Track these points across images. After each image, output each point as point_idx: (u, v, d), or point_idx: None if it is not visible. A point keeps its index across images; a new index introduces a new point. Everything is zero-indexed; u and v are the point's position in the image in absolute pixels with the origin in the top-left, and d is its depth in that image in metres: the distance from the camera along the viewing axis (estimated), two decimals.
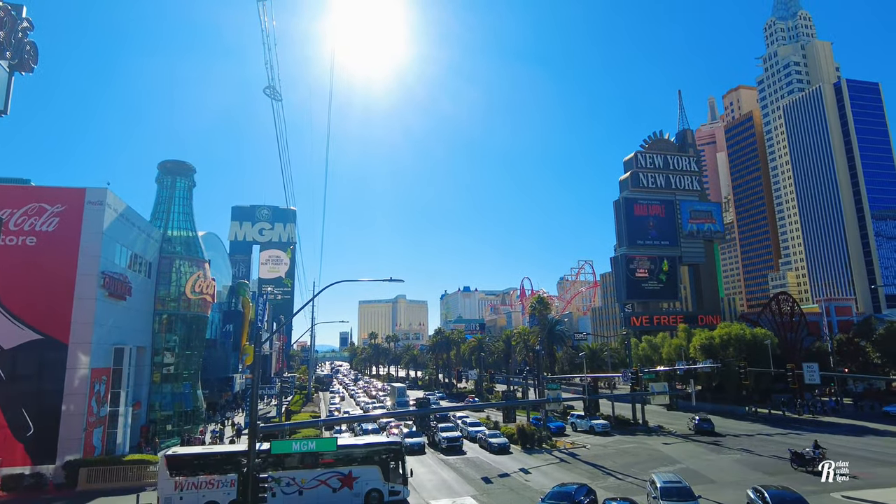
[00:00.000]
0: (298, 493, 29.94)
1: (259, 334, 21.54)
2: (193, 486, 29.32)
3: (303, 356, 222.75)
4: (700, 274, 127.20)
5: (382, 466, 31.80)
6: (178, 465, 29.84)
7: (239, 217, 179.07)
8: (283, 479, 29.93)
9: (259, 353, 21.06)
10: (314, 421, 44.99)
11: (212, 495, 29.39)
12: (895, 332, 78.47)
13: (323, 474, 30.54)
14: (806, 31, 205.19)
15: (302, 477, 30.17)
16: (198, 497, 29.21)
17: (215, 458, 30.94)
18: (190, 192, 61.02)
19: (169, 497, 29.09)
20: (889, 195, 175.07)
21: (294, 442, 21.79)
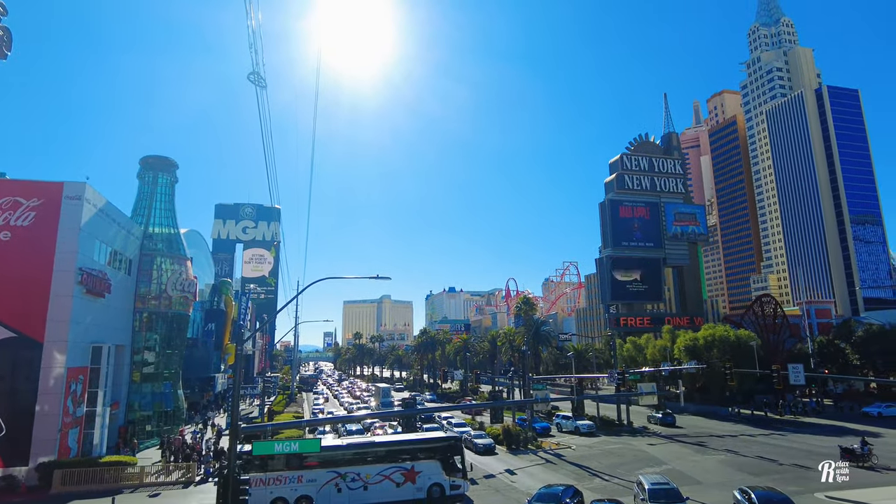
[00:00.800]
0: (363, 489, 30.49)
1: (241, 333, 20.96)
2: (262, 482, 29.27)
3: (286, 356, 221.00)
4: (684, 276, 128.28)
5: (443, 461, 32.35)
6: (246, 462, 29.51)
7: (222, 215, 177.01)
8: (349, 475, 30.46)
9: (241, 352, 20.49)
10: (297, 422, 44.31)
11: (280, 491, 29.57)
12: (874, 335, 79.83)
13: (386, 469, 31.21)
14: (788, 38, 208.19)
15: (367, 472, 30.79)
16: (265, 494, 29.24)
17: (283, 454, 30.37)
18: (172, 188, 59.94)
19: None
20: (867, 200, 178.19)
21: (277, 443, 21.23)
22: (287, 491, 29.50)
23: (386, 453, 32.13)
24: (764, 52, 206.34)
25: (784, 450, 44.23)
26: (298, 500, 29.61)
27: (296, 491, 29.55)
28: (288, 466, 29.88)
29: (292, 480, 29.73)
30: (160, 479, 38.00)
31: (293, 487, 29.59)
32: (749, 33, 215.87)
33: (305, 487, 29.77)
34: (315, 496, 29.82)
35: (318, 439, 22.84)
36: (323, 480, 30.13)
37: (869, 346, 77.18)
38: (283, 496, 29.39)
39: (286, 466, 29.89)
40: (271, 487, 29.35)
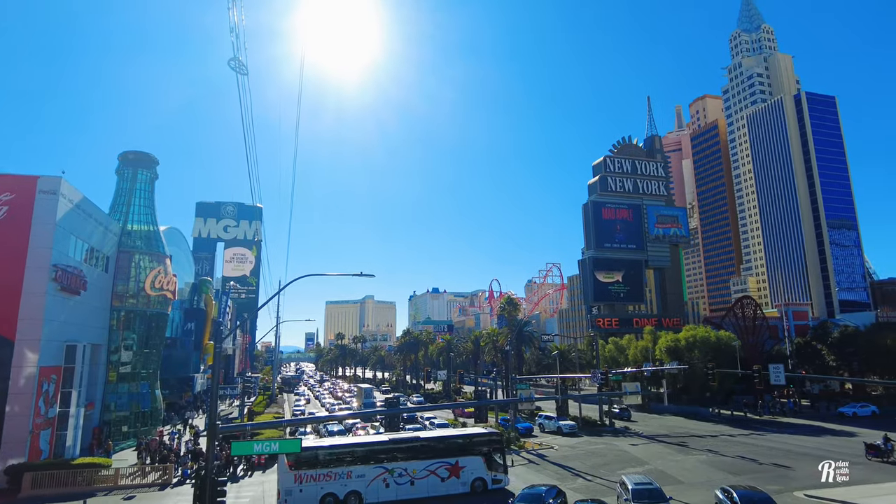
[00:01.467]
0: (410, 484, 31.42)
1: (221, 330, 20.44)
2: (312, 478, 30.08)
3: (267, 357, 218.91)
4: (665, 278, 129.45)
5: (486, 456, 33.44)
6: (298, 460, 30.18)
7: (203, 213, 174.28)
8: (396, 470, 31.40)
9: (220, 350, 19.98)
10: (277, 421, 43.65)
11: (330, 487, 30.27)
12: (849, 336, 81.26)
13: (432, 464, 32.17)
14: (769, 45, 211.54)
15: (413, 468, 31.68)
16: (317, 489, 29.99)
17: (333, 451, 31.86)
18: (152, 184, 58.79)
19: (289, 489, 29.53)
20: (843, 205, 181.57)
21: (256, 443, 20.75)
22: (337, 487, 30.24)
23: (432, 449, 33.00)
24: (745, 57, 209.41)
25: (764, 449, 44.63)
26: (348, 495, 30.31)
27: (345, 487, 30.35)
28: (338, 463, 30.80)
29: (342, 476, 30.55)
30: (136, 481, 37.17)
31: (343, 483, 30.40)
32: (731, 39, 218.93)
33: (354, 483, 30.62)
34: (364, 491, 30.64)
35: (298, 440, 22.44)
36: (371, 476, 31.00)
37: (845, 347, 78.45)
38: (333, 492, 30.10)
39: (337, 463, 30.78)
40: (321, 483, 30.06)
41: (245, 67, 24.39)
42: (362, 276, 21.85)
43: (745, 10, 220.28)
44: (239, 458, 41.57)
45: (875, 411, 65.99)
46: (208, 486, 18.18)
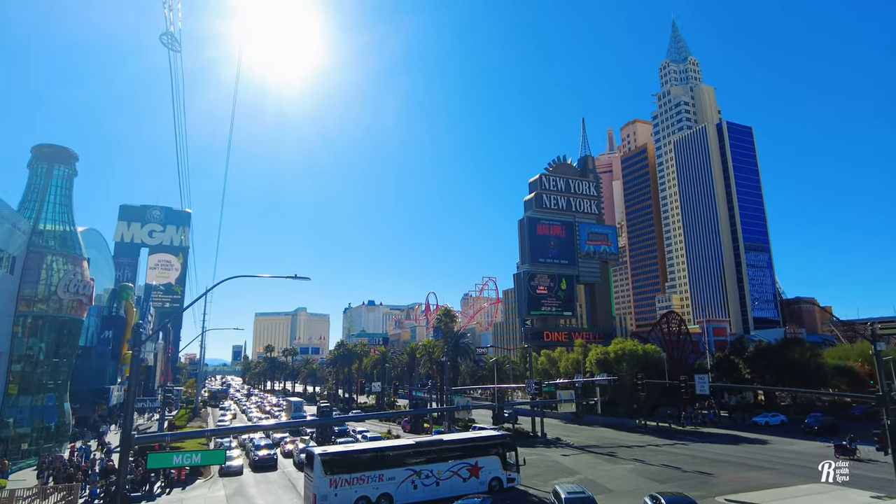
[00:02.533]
0: (436, 485, 33.10)
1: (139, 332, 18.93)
2: (347, 482, 31.14)
3: (191, 369, 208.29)
4: (595, 293, 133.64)
5: (501, 457, 35.75)
6: (333, 465, 31.36)
7: (127, 217, 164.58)
8: (423, 472, 33.13)
9: (139, 353, 18.58)
10: (199, 431, 41.25)
11: (363, 490, 31.38)
12: (763, 350, 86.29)
13: (455, 465, 34.14)
14: (694, 75, 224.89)
15: (438, 469, 33.54)
16: (350, 493, 31.01)
17: (365, 455, 33.25)
18: (70, 181, 54.95)
19: (325, 494, 30.34)
20: (758, 229, 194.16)
21: (175, 455, 19.30)
22: (370, 490, 31.50)
23: (454, 450, 34.92)
24: (674, 86, 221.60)
25: (687, 458, 46.35)
26: (379, 498, 31.60)
27: (377, 489, 31.67)
28: (370, 466, 32.17)
29: (374, 479, 31.86)
30: (34, 503, 33.93)
31: (375, 486, 31.68)
32: (661, 68, 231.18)
33: (386, 486, 31.95)
34: (395, 493, 32.10)
35: (223, 451, 21.04)
36: (401, 478, 32.54)
37: (759, 360, 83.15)
38: (366, 494, 31.29)
39: (369, 467, 32.13)
40: (356, 487, 31.20)
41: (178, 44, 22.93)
42: (297, 279, 20.99)
43: (674, 41, 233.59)
44: (156, 473, 38.96)
45: (784, 420, 70.21)
46: (119, 500, 16.73)
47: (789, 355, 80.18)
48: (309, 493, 31.32)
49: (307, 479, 32.33)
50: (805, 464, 42.60)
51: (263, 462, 46.51)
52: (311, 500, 30.56)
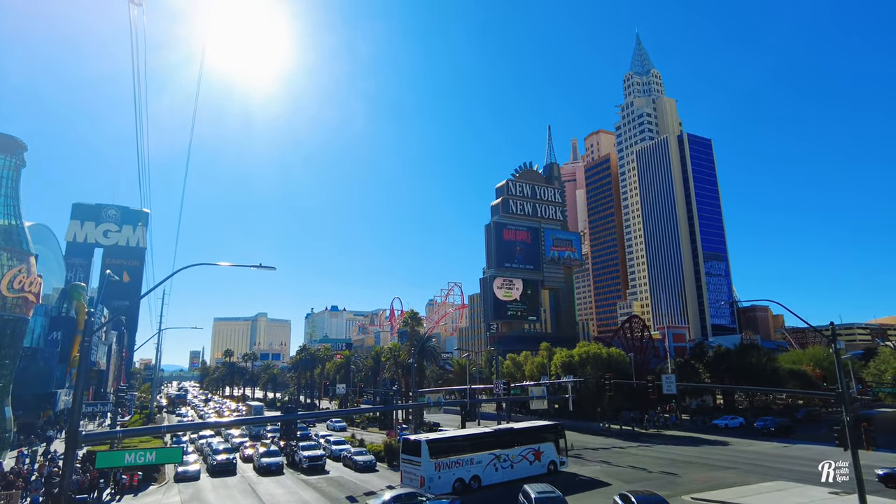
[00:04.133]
0: (511, 467, 37.48)
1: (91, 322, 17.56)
2: (447, 465, 35.07)
3: (146, 374, 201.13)
4: (560, 298, 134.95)
5: (555, 443, 40.53)
6: (436, 450, 35.04)
7: (80, 216, 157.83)
8: (502, 456, 37.35)
9: (89, 343, 17.33)
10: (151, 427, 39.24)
11: (458, 473, 35.37)
12: (722, 356, 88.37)
13: (524, 450, 38.61)
14: (657, 88, 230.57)
15: (512, 454, 37.88)
16: (450, 475, 34.92)
17: (460, 442, 37.39)
18: (16, 172, 51.95)
19: (431, 477, 34.04)
20: (716, 238, 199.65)
21: (127, 453, 18.04)
22: (463, 472, 35.54)
23: (522, 437, 39.36)
24: (637, 98, 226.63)
25: (651, 459, 46.72)
26: (471, 479, 35.59)
27: (469, 472, 35.77)
28: (463, 451, 36.21)
29: (466, 463, 35.85)
30: None
31: (467, 469, 35.80)
32: (625, 80, 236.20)
33: (475, 468, 36.15)
34: (482, 475, 36.21)
35: (179, 448, 19.78)
36: (486, 462, 36.72)
37: (718, 365, 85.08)
38: (461, 476, 35.30)
39: (462, 451, 36.16)
40: (453, 469, 35.09)
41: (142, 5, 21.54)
42: (261, 269, 19.95)
43: (637, 54, 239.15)
44: (105, 479, 36.93)
45: (742, 422, 71.97)
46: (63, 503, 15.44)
47: (747, 360, 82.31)
48: (415, 476, 34.64)
49: (407, 465, 35.92)
50: (765, 463, 43.52)
51: (222, 466, 44.75)
52: (420, 482, 33.94)
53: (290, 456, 48.57)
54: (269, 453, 47.06)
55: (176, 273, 20.07)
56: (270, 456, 46.18)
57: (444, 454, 35.17)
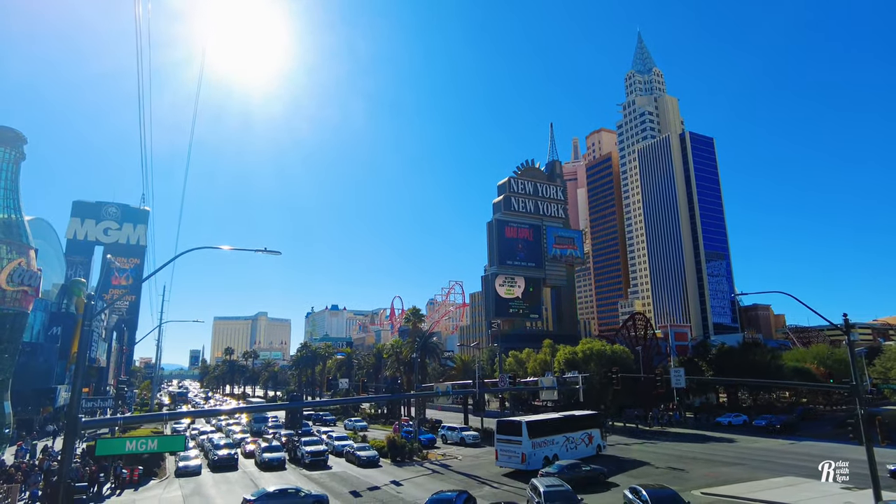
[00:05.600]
0: (575, 448, 43.18)
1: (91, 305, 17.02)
2: (539, 444, 40.37)
3: (146, 372, 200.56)
4: (561, 296, 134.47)
5: (600, 429, 47.35)
6: (533, 430, 40.48)
7: (81, 213, 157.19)
8: (571, 438, 43.49)
9: (88, 327, 16.84)
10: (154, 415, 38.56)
11: (545, 451, 40.71)
12: (725, 353, 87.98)
13: (582, 434, 44.85)
14: (658, 86, 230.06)
15: (576, 436, 44.08)
16: (540, 453, 40.04)
17: (551, 423, 43.74)
18: (16, 165, 51.40)
19: (529, 454, 39.30)
20: (718, 237, 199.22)
21: (128, 440, 17.61)
22: (548, 451, 40.80)
23: (581, 423, 45.63)
24: (638, 96, 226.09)
25: (658, 455, 46.26)
26: (553, 456, 40.55)
27: (551, 451, 41.10)
28: (549, 433, 41.85)
29: (549, 443, 41.35)
30: None
31: (550, 448, 41.16)
32: (626, 78, 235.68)
33: (554, 448, 41.58)
34: (559, 454, 41.31)
35: (182, 436, 19.30)
36: (560, 443, 42.42)
37: (722, 362, 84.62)
38: (546, 454, 40.42)
39: (548, 433, 41.82)
40: (542, 448, 40.61)
41: None
42: (266, 253, 19.47)
43: (639, 53, 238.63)
44: (105, 473, 36.46)
45: (746, 420, 71.63)
46: (62, 492, 14.94)
47: (750, 358, 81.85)
48: (514, 454, 39.71)
49: (505, 444, 40.85)
50: (772, 459, 43.04)
51: (223, 461, 44.28)
52: (521, 458, 39.02)
53: (292, 451, 48.12)
54: (271, 448, 46.57)
55: (180, 256, 19.55)
56: (272, 451, 45.69)
57: (537, 434, 40.56)
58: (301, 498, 29.04)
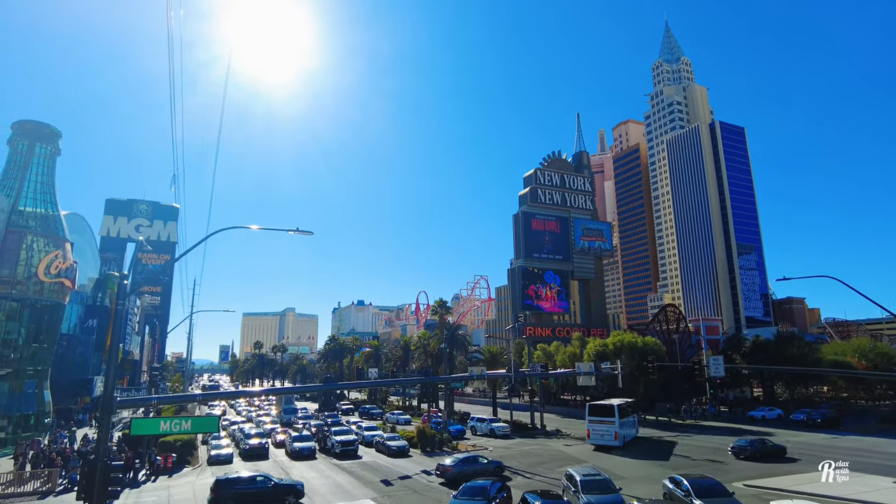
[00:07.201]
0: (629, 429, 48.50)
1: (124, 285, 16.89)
2: (624, 425, 46.88)
3: (178, 366, 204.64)
4: (590, 289, 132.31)
5: (637, 414, 53.00)
6: (622, 412, 46.72)
7: (113, 211, 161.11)
8: (632, 421, 50.39)
9: (123, 306, 16.71)
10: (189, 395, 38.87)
11: (626, 431, 47.23)
12: (760, 346, 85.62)
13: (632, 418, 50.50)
14: (686, 76, 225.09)
15: (631, 420, 50.06)
16: (623, 432, 46.27)
17: (625, 407, 48.95)
18: (52, 160, 52.64)
19: (620, 433, 45.38)
20: (750, 229, 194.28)
21: (162, 420, 17.56)
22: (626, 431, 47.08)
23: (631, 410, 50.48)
24: (666, 86, 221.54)
25: (694, 448, 45.06)
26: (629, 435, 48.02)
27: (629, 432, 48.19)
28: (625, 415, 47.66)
29: (626, 424, 47.51)
30: (9, 490, 31.81)
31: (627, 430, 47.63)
32: (654, 68, 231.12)
33: (628, 429, 47.93)
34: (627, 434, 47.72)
35: (216, 417, 19.27)
36: (629, 424, 48.72)
37: (757, 356, 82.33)
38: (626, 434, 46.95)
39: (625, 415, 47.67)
40: (625, 429, 46.79)
41: None
42: (299, 233, 19.19)
43: (666, 41, 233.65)
44: (141, 460, 36.95)
45: (781, 414, 69.49)
46: (98, 472, 14.80)
47: (787, 351, 79.45)
48: (607, 433, 45.43)
49: (597, 424, 46.45)
50: (815, 453, 41.41)
51: (255, 451, 44.62)
52: (614, 436, 44.98)
53: (323, 441, 48.19)
54: (302, 438, 46.70)
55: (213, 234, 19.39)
56: (303, 441, 45.80)
57: (623, 416, 46.66)
58: (483, 465, 34.31)
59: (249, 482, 28.61)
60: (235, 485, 28.16)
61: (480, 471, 32.83)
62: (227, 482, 28.28)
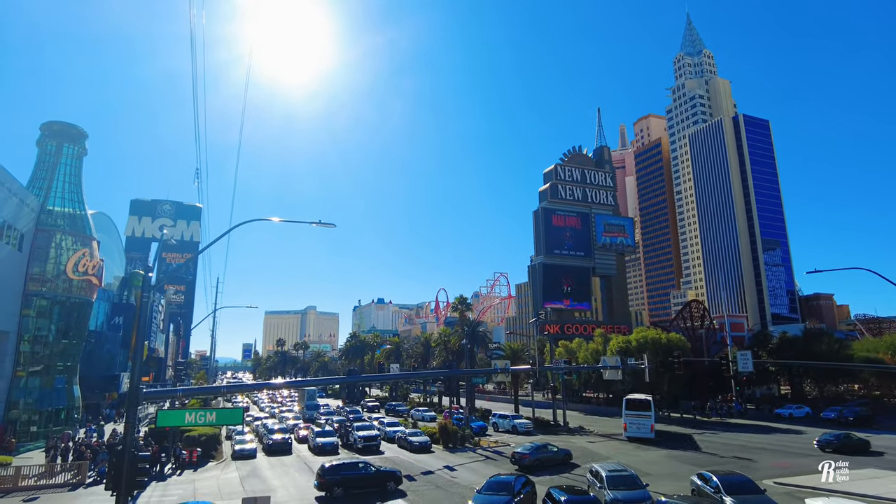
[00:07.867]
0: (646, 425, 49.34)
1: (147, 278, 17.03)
2: (636, 416, 49.62)
3: (201, 364, 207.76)
4: (612, 285, 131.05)
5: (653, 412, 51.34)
6: (630, 406, 50.54)
7: (138, 211, 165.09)
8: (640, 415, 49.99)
9: (148, 299, 16.79)
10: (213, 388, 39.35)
11: (639, 423, 49.31)
12: (787, 342, 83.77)
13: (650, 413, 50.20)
14: (709, 69, 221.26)
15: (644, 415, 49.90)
16: (637, 423, 49.34)
17: (640, 401, 51.01)
18: (79, 161, 53.54)
19: (628, 423, 49.59)
20: (775, 224, 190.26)
21: (187, 412, 17.70)
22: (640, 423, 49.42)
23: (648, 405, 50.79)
24: (688, 80, 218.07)
25: (720, 445, 44.24)
26: None
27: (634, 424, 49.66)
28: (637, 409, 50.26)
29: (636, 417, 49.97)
30: (42, 482, 32.45)
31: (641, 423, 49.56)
32: (675, 61, 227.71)
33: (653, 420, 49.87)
34: None
35: (240, 409, 19.38)
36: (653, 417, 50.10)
37: (784, 352, 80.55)
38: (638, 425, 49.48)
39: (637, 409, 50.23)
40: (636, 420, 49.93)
41: None
42: (321, 226, 19.15)
43: (687, 34, 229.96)
44: (167, 454, 37.46)
45: (809, 412, 67.86)
46: (126, 463, 14.90)
47: (816, 348, 77.55)
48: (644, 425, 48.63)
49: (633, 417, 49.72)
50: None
51: (278, 446, 44.96)
52: (650, 428, 48.51)
53: (345, 436, 48.34)
54: (324, 433, 46.90)
55: (236, 227, 19.44)
56: (325, 436, 46.00)
57: (634, 409, 49.88)
58: (554, 453, 36.86)
59: (353, 468, 30.03)
60: (341, 471, 29.43)
61: (553, 458, 36.61)
62: (333, 469, 29.55)
